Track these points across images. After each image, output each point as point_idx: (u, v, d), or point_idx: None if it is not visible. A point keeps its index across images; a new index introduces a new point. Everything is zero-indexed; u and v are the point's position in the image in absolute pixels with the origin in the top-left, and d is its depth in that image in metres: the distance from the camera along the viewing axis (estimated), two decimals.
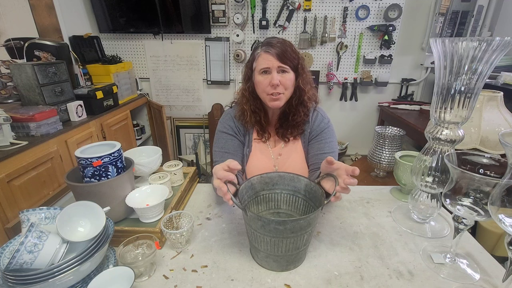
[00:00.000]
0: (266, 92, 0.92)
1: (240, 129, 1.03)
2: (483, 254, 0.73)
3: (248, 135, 1.04)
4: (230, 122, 1.04)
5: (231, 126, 1.03)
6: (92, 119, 1.72)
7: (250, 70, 0.97)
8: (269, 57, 0.89)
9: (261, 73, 0.92)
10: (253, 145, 1.04)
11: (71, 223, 0.63)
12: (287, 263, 0.67)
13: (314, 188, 0.74)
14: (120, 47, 2.43)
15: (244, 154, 1.03)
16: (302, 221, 0.61)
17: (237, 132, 1.03)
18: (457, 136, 0.70)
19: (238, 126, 1.03)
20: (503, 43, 0.56)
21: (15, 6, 1.69)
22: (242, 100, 1.01)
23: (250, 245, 0.74)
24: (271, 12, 2.24)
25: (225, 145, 1.01)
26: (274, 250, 0.64)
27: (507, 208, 0.49)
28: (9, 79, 1.57)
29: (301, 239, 0.64)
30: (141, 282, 0.64)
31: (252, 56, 0.95)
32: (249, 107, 0.99)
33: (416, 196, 0.83)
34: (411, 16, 2.25)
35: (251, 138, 1.04)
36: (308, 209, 0.77)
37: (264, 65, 0.90)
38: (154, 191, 0.85)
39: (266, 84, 0.91)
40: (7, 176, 1.13)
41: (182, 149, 2.79)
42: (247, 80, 0.99)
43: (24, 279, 0.51)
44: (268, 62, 0.89)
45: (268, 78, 0.90)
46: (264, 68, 0.90)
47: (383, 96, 2.50)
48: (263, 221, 0.61)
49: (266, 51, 0.90)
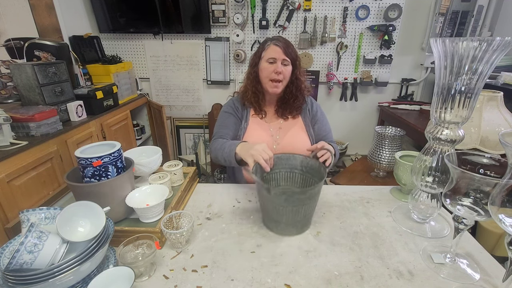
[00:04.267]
0: (269, 78, 1.11)
1: (239, 108, 1.21)
2: (483, 254, 0.73)
3: (246, 112, 1.21)
4: (231, 103, 1.23)
5: (231, 106, 1.21)
6: (92, 119, 1.72)
7: (258, 58, 1.14)
8: (277, 49, 1.08)
9: (268, 62, 1.10)
10: (250, 120, 1.20)
11: (71, 223, 0.63)
12: (302, 226, 0.81)
13: (310, 162, 0.91)
14: (120, 47, 2.43)
15: (242, 127, 1.19)
16: (318, 187, 0.76)
17: (236, 110, 1.20)
18: (457, 136, 0.70)
19: (237, 106, 1.22)
20: (503, 43, 0.56)
21: (15, 6, 1.69)
22: (246, 81, 1.20)
23: (267, 221, 0.84)
24: (271, 12, 2.24)
25: (224, 122, 1.18)
26: (295, 218, 0.77)
27: (507, 208, 0.49)
28: (9, 79, 1.57)
29: (314, 202, 0.80)
30: (141, 282, 0.64)
31: (261, 46, 1.13)
32: (251, 88, 1.17)
33: (416, 196, 0.83)
34: (411, 16, 2.25)
35: (248, 115, 1.21)
36: (305, 181, 0.93)
37: (272, 55, 1.09)
38: (154, 191, 0.85)
39: (271, 71, 1.09)
40: (7, 176, 1.13)
41: (182, 149, 2.79)
42: (253, 66, 1.16)
43: (24, 279, 0.51)
44: (276, 53, 1.08)
45: (273, 66, 1.09)
46: (272, 57, 1.09)
47: (383, 96, 2.50)
48: (288, 194, 0.74)
49: (276, 44, 1.09)
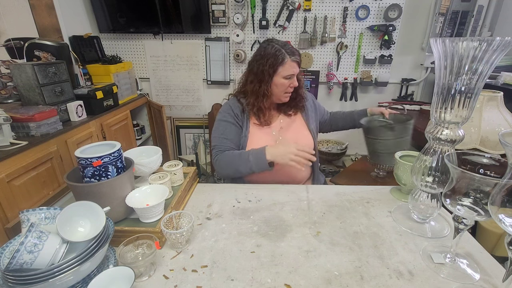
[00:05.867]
0: (284, 91, 1.11)
1: (238, 114, 1.16)
2: (483, 254, 0.73)
3: (245, 118, 1.17)
4: (229, 110, 1.16)
5: (230, 114, 1.16)
6: (92, 119, 1.72)
7: (273, 71, 1.07)
8: (295, 66, 1.08)
9: (286, 78, 1.08)
10: (251, 127, 1.17)
11: (71, 223, 0.63)
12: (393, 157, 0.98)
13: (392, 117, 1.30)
14: (120, 47, 2.43)
15: (243, 135, 1.15)
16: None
17: (235, 118, 1.16)
18: (457, 136, 0.70)
19: (237, 112, 1.16)
20: (503, 43, 0.56)
21: (15, 6, 1.69)
22: (252, 98, 1.13)
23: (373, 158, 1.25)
24: (271, 12, 2.24)
25: (224, 132, 1.14)
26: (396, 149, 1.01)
27: (507, 208, 0.49)
28: (9, 79, 1.57)
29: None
30: (141, 282, 0.64)
31: (276, 59, 1.06)
32: (258, 103, 1.12)
33: (416, 196, 0.83)
34: (411, 16, 2.25)
35: (249, 122, 1.17)
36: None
37: (291, 72, 1.08)
38: (154, 191, 0.85)
39: (287, 86, 1.10)
40: (7, 176, 1.13)
41: (182, 149, 2.79)
42: (265, 82, 1.09)
43: (24, 279, 0.51)
44: (294, 69, 1.09)
45: (290, 81, 1.09)
46: (290, 74, 1.08)
47: (383, 96, 2.50)
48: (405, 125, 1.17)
49: (294, 60, 1.08)
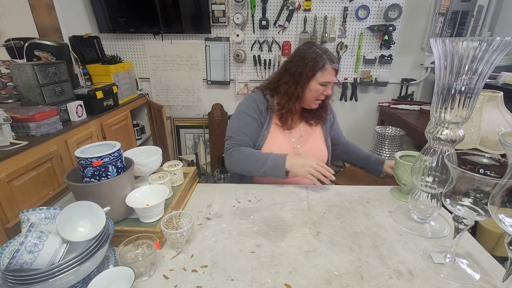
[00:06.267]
0: (316, 98, 1.08)
1: (262, 111, 1.13)
2: (483, 254, 0.73)
3: (269, 117, 1.13)
4: (253, 104, 1.12)
5: (254, 108, 1.12)
6: (92, 119, 1.72)
7: (312, 75, 1.04)
8: (333, 73, 1.05)
9: (321, 85, 1.05)
10: (272, 127, 1.14)
11: (71, 223, 0.63)
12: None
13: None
14: (120, 47, 2.43)
15: (262, 134, 1.12)
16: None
17: (259, 114, 1.12)
18: (457, 136, 0.70)
19: (261, 108, 1.13)
20: (503, 43, 0.56)
21: (15, 6, 1.69)
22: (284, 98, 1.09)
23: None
24: (271, 12, 2.24)
25: (245, 126, 1.11)
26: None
27: (507, 208, 0.49)
28: (9, 79, 1.57)
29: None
30: (141, 282, 0.64)
31: (317, 63, 1.03)
32: (289, 106, 1.09)
33: (416, 196, 0.83)
34: (411, 16, 2.25)
35: (271, 121, 1.14)
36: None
37: (328, 79, 1.04)
38: (154, 191, 0.85)
39: (320, 93, 1.07)
40: (7, 176, 1.13)
41: (182, 149, 2.79)
42: (302, 84, 1.06)
43: (24, 279, 0.51)
44: (331, 77, 1.05)
45: (324, 89, 1.06)
46: (327, 81, 1.05)
47: (383, 96, 2.50)
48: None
49: (334, 68, 1.04)
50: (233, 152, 1.08)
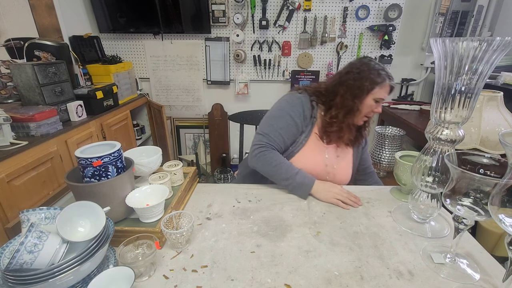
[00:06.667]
0: (366, 114, 1.04)
1: (307, 117, 1.07)
2: (483, 254, 0.73)
3: (310, 126, 1.09)
4: (299, 108, 1.07)
5: (299, 112, 1.06)
6: (92, 119, 1.72)
7: (370, 88, 1.00)
8: (388, 91, 1.02)
9: (375, 101, 1.01)
10: (311, 136, 1.09)
11: (71, 223, 0.63)
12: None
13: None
14: (120, 47, 2.43)
15: (299, 142, 1.08)
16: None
17: (302, 120, 1.07)
18: (457, 136, 0.70)
19: (307, 114, 1.07)
20: (503, 43, 0.56)
21: (15, 6, 1.69)
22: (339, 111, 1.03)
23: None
24: (271, 12, 2.24)
25: (285, 128, 1.05)
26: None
27: (507, 208, 0.49)
28: (9, 79, 1.57)
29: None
30: (141, 282, 0.64)
31: (377, 78, 0.99)
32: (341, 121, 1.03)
33: (416, 196, 0.83)
34: (411, 16, 2.25)
35: (311, 131, 1.09)
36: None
37: (383, 96, 1.01)
38: (154, 191, 0.85)
39: (372, 109, 1.02)
40: (7, 176, 1.13)
41: (182, 149, 2.79)
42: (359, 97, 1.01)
43: (24, 279, 0.51)
44: (386, 95, 1.02)
45: (376, 105, 1.02)
46: (382, 98, 1.01)
47: None
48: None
49: (390, 86, 1.01)
50: (266, 152, 1.03)
